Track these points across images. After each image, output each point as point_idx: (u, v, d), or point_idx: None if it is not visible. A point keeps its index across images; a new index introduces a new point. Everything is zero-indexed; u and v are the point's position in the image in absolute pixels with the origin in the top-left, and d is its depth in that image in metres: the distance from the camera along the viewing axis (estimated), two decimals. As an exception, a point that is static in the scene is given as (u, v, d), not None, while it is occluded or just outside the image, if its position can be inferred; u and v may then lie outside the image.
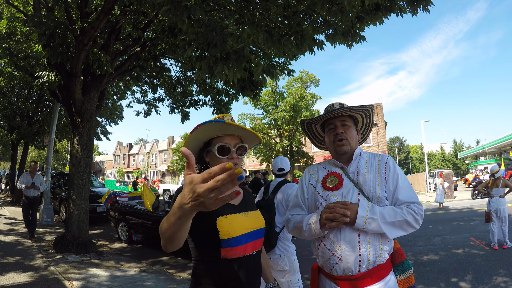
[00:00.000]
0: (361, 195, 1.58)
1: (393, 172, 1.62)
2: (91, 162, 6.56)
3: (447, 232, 7.93)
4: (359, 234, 1.50)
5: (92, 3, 6.60)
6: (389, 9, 4.52)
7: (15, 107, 13.43)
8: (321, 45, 5.26)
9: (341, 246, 1.52)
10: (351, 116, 1.76)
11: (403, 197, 1.58)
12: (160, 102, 10.61)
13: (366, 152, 1.76)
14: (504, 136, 28.43)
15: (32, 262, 5.19)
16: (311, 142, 2.02)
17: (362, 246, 1.49)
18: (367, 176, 1.62)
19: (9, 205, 13.24)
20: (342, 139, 1.67)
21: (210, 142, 1.42)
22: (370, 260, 1.49)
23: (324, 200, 1.64)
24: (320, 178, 1.74)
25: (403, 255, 1.63)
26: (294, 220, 1.74)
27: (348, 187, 1.62)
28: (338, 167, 1.73)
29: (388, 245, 1.56)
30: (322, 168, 1.79)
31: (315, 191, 1.71)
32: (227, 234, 1.27)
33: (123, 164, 55.34)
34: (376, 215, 1.47)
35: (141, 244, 7.39)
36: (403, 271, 1.59)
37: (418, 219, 1.52)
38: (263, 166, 28.08)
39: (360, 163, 1.68)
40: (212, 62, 4.73)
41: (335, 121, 1.71)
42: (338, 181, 1.65)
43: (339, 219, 1.47)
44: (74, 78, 5.82)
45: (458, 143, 59.35)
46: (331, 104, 1.78)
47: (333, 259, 1.54)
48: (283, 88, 24.53)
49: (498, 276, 4.65)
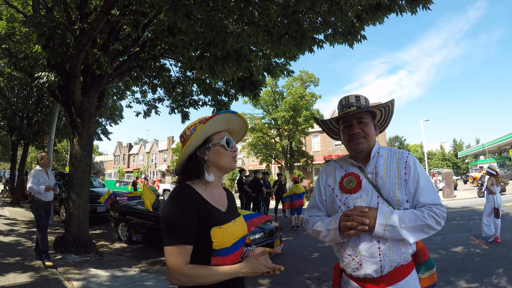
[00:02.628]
0: (381, 198, 1.51)
1: (414, 172, 1.53)
2: (91, 162, 6.56)
3: (447, 231, 7.93)
4: (379, 240, 1.46)
5: (91, 4, 6.60)
6: (389, 8, 4.52)
7: (15, 107, 13.42)
8: (321, 44, 5.26)
9: (361, 252, 1.48)
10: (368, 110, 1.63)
11: (424, 199, 1.50)
12: (160, 102, 10.62)
13: (384, 147, 1.67)
14: (504, 135, 28.47)
15: (32, 262, 5.20)
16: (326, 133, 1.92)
17: (382, 252, 1.45)
18: (386, 178, 1.54)
19: (9, 205, 13.24)
20: (359, 138, 1.58)
21: (211, 138, 1.39)
22: (392, 265, 1.46)
23: (342, 204, 1.57)
24: (337, 179, 1.66)
25: (427, 254, 1.60)
26: (313, 222, 1.69)
27: (367, 190, 1.54)
28: (355, 167, 1.64)
29: (411, 247, 1.52)
30: (339, 168, 1.71)
31: (333, 193, 1.64)
32: (220, 244, 1.25)
33: (123, 164, 55.33)
34: (395, 221, 1.41)
35: (141, 244, 7.39)
36: (427, 269, 1.58)
37: (440, 221, 1.46)
38: (263, 166, 28.09)
39: (378, 163, 1.59)
40: (213, 61, 4.74)
41: (351, 119, 1.61)
42: (356, 183, 1.57)
43: (358, 227, 1.42)
44: (74, 78, 5.82)
45: (458, 142, 59.36)
46: (345, 97, 1.65)
47: (354, 264, 1.51)
48: (283, 88, 24.52)
49: (498, 275, 4.65)
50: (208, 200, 1.31)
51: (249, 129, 24.47)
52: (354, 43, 5.15)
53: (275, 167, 31.14)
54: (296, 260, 6.01)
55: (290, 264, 5.67)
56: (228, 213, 1.38)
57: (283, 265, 1.49)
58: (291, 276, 5.01)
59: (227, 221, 1.32)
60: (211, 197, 1.34)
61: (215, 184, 1.41)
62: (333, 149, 30.11)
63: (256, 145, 24.28)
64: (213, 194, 1.37)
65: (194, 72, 8.46)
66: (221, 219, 1.30)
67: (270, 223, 6.26)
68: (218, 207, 1.35)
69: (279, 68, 7.81)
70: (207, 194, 1.34)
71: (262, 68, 4.92)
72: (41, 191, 5.24)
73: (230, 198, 1.50)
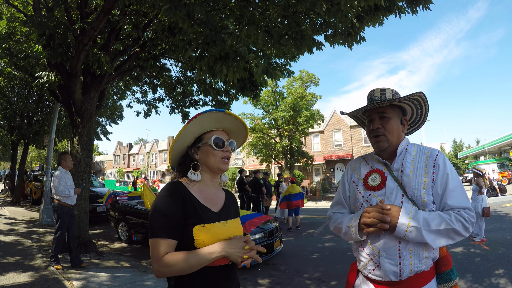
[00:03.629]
0: (405, 197, 1.43)
1: (443, 173, 1.42)
2: (91, 162, 6.56)
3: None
4: (400, 242, 1.38)
5: (92, 3, 6.61)
6: (388, 9, 4.52)
7: (15, 107, 13.43)
8: (320, 46, 5.27)
9: (380, 252, 1.40)
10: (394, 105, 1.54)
11: (452, 202, 1.39)
12: (160, 102, 10.63)
13: (414, 144, 1.57)
14: (504, 136, 28.41)
15: (32, 262, 5.20)
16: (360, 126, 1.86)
17: (402, 254, 1.37)
18: (412, 176, 1.45)
19: (9, 205, 13.24)
20: (378, 135, 1.51)
21: (202, 137, 1.40)
22: (412, 269, 1.37)
23: (365, 201, 1.51)
24: (362, 175, 1.59)
25: (450, 263, 1.47)
26: (335, 218, 1.64)
27: (392, 187, 1.47)
28: (381, 163, 1.56)
29: (434, 252, 1.43)
30: (365, 164, 1.64)
31: (356, 189, 1.58)
32: (202, 243, 1.23)
33: (123, 164, 55.31)
34: (419, 223, 1.31)
35: (141, 244, 7.39)
36: (447, 281, 1.44)
37: (468, 227, 1.34)
38: (263, 166, 28.08)
39: (405, 160, 1.50)
40: (212, 61, 4.74)
41: (373, 114, 1.54)
42: (381, 180, 1.50)
43: (378, 225, 1.35)
44: (74, 78, 5.82)
45: (458, 143, 59.28)
46: (372, 91, 1.57)
47: (371, 265, 1.44)
48: (283, 88, 24.53)
49: (497, 276, 4.65)
50: (197, 198, 1.30)
51: (249, 129, 24.55)
52: (353, 44, 5.16)
53: (275, 167, 31.13)
54: (296, 260, 6.01)
55: (290, 264, 5.67)
56: (220, 214, 1.35)
57: (283, 265, 1.48)
58: (291, 276, 5.01)
59: (214, 221, 1.30)
60: (202, 195, 1.34)
61: (208, 184, 1.40)
62: (333, 149, 30.09)
63: (256, 145, 24.29)
64: (205, 193, 1.36)
65: (195, 72, 8.46)
66: (207, 217, 1.28)
67: (270, 223, 6.26)
68: (209, 206, 1.33)
69: (279, 68, 7.81)
70: (198, 192, 1.33)
71: (261, 70, 4.92)
72: (71, 194, 4.94)
73: (230, 200, 1.47)
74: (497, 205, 12.54)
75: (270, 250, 5.70)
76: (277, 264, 5.72)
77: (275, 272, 5.26)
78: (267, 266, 5.59)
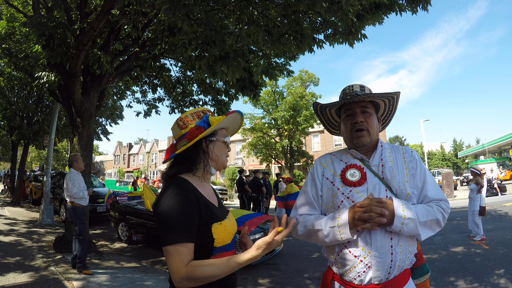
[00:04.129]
0: (389, 191, 1.39)
1: (421, 167, 1.47)
2: (91, 162, 6.56)
3: (447, 231, 7.93)
4: (392, 238, 1.32)
5: (91, 3, 6.60)
6: (389, 7, 4.52)
7: (15, 107, 13.41)
8: (321, 44, 5.26)
9: (371, 252, 1.31)
10: (372, 102, 1.52)
11: (432, 194, 1.44)
12: (160, 102, 10.61)
13: (386, 143, 1.58)
14: (504, 135, 28.43)
15: (32, 262, 5.20)
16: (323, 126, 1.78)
17: (395, 250, 1.32)
18: (395, 171, 1.44)
19: (9, 205, 13.25)
20: (361, 129, 1.46)
21: (216, 132, 1.36)
22: (400, 265, 1.33)
23: (345, 198, 1.41)
24: (337, 171, 1.49)
25: (423, 258, 1.49)
26: (305, 221, 1.47)
27: (374, 183, 1.41)
28: (357, 159, 1.50)
29: (415, 248, 1.42)
30: (338, 160, 1.54)
31: (333, 186, 1.46)
32: (222, 241, 1.21)
33: (123, 164, 55.34)
34: (414, 214, 1.30)
35: (141, 244, 7.39)
36: (421, 274, 1.46)
37: (446, 217, 1.39)
38: (263, 166, 28.09)
39: (384, 155, 1.49)
40: (212, 61, 4.74)
41: (355, 107, 1.48)
42: (361, 175, 1.43)
43: (375, 219, 1.26)
44: (74, 78, 5.81)
45: (458, 142, 59.30)
46: (350, 86, 1.54)
47: (360, 267, 1.33)
48: (283, 88, 24.56)
49: (498, 275, 4.65)
50: (204, 195, 1.25)
51: (249, 129, 24.57)
52: (354, 42, 5.15)
53: (275, 167, 31.14)
54: (296, 260, 6.01)
55: (290, 264, 5.67)
56: (221, 209, 1.36)
57: (283, 265, 1.48)
58: (291, 276, 5.01)
59: (224, 217, 1.29)
60: (205, 192, 1.29)
61: (207, 179, 1.37)
62: (333, 148, 30.10)
63: (256, 145, 24.31)
64: (207, 189, 1.33)
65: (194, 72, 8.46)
66: (219, 215, 1.26)
67: (270, 223, 6.25)
68: (213, 202, 1.31)
69: (278, 68, 7.80)
70: (202, 188, 1.28)
71: (260, 71, 4.92)
72: (85, 196, 4.95)
73: (216, 193, 1.44)
74: (497, 205, 12.54)
75: (270, 250, 5.70)
76: (277, 263, 5.72)
77: (275, 272, 5.25)
78: (267, 266, 5.58)
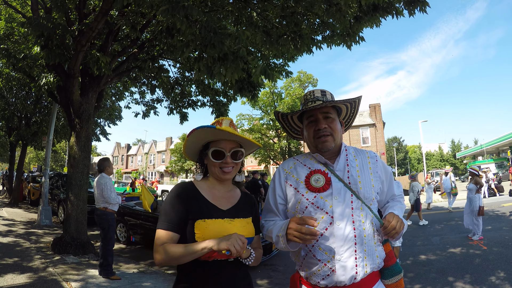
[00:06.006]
0: (354, 196, 1.40)
1: (386, 170, 1.58)
2: (89, 163, 6.55)
3: (446, 232, 7.96)
4: (356, 242, 1.34)
5: (90, 4, 6.60)
6: (386, 10, 4.54)
7: (13, 108, 13.39)
8: (320, 44, 5.28)
9: (336, 256, 1.33)
10: (334, 106, 1.53)
11: (396, 191, 1.64)
12: (159, 103, 10.61)
13: (350, 146, 1.60)
14: (502, 136, 28.54)
15: (30, 263, 5.18)
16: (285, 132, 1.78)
17: (358, 255, 1.33)
18: (361, 175, 1.46)
19: (7, 206, 13.20)
20: (326, 135, 1.46)
21: (208, 145, 1.47)
22: (367, 270, 1.35)
23: (310, 204, 1.41)
24: (301, 177, 1.48)
25: (394, 258, 1.48)
26: (267, 226, 1.52)
27: (338, 188, 1.41)
28: (321, 164, 1.49)
29: (382, 250, 1.45)
30: (301, 165, 1.53)
31: (297, 193, 1.45)
32: (201, 237, 1.30)
33: (121, 165, 55.22)
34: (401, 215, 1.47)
35: (139, 245, 7.38)
36: (392, 275, 1.44)
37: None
38: (261, 167, 28.10)
39: (349, 159, 1.50)
40: (210, 62, 4.74)
41: (317, 113, 1.48)
42: (325, 180, 1.42)
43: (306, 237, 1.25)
44: (72, 79, 5.81)
45: (457, 143, 59.49)
46: (310, 92, 1.54)
47: (324, 271, 1.35)
48: (281, 89, 24.60)
49: (496, 276, 4.66)
50: (205, 196, 1.41)
51: (248, 130, 24.59)
52: (352, 45, 5.17)
53: (273, 168, 31.14)
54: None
55: (288, 265, 5.67)
56: (229, 212, 1.41)
57: (281, 266, 1.49)
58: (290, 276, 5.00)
59: (218, 217, 1.36)
60: (211, 194, 1.43)
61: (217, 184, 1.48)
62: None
63: (255, 145, 24.29)
64: (216, 191, 1.46)
65: (193, 73, 8.46)
66: (211, 214, 1.36)
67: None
68: (217, 204, 1.41)
69: (277, 69, 7.82)
70: (207, 191, 1.44)
71: (259, 72, 4.93)
72: (119, 201, 4.85)
73: (244, 201, 1.52)
74: (495, 205, 12.58)
75: (269, 251, 5.70)
76: (275, 265, 5.73)
77: (273, 273, 5.26)
78: (266, 267, 5.59)
